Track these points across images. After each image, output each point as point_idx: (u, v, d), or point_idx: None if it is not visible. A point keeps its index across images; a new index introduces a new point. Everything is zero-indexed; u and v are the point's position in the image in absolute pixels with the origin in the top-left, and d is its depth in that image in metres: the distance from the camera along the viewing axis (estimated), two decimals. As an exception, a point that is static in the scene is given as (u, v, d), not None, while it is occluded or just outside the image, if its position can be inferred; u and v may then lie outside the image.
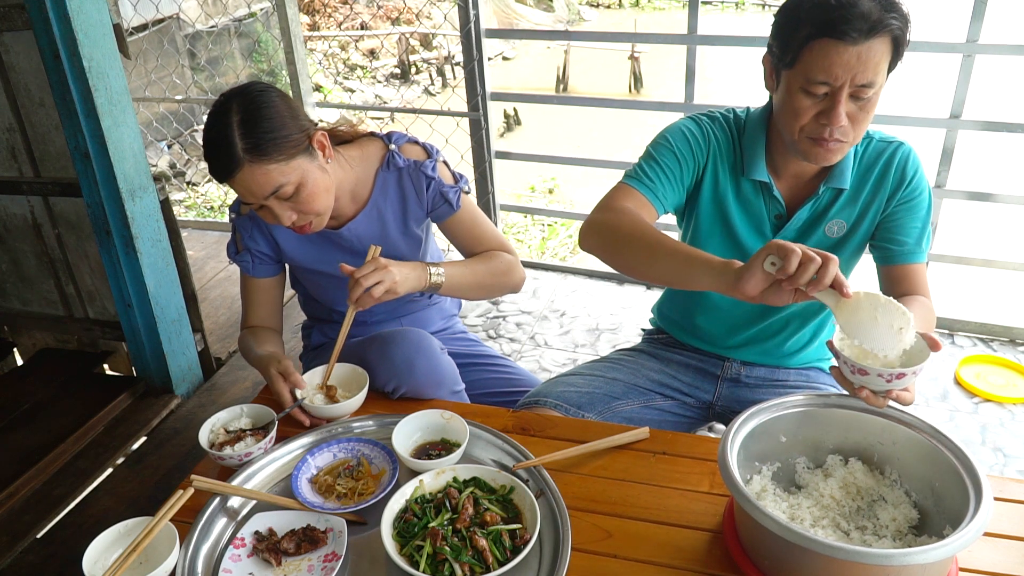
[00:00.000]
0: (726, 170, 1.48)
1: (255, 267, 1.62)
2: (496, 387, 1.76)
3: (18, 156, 2.36)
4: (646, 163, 1.46)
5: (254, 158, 1.37)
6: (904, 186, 1.42)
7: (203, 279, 3.32)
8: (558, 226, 7.25)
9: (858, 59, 1.21)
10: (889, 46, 1.24)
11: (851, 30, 1.19)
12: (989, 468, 2.24)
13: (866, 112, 1.29)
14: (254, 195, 1.41)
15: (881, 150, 1.43)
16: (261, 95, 1.41)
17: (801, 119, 1.30)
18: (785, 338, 1.59)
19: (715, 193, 1.49)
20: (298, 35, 3.40)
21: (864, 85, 1.24)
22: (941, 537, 1.00)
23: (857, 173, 1.44)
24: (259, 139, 1.37)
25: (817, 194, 1.43)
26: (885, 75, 1.27)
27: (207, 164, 1.40)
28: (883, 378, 1.07)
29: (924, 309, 1.35)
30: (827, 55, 1.22)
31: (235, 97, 1.40)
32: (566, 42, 14.68)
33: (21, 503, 2.05)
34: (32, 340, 2.79)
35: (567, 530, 1.13)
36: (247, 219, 1.60)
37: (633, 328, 2.96)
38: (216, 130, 1.37)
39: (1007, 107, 9.29)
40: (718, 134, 1.47)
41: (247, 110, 1.38)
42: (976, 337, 2.84)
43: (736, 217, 1.49)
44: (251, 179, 1.38)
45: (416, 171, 1.61)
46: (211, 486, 1.21)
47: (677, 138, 1.46)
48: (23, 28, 2.12)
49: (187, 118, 9.89)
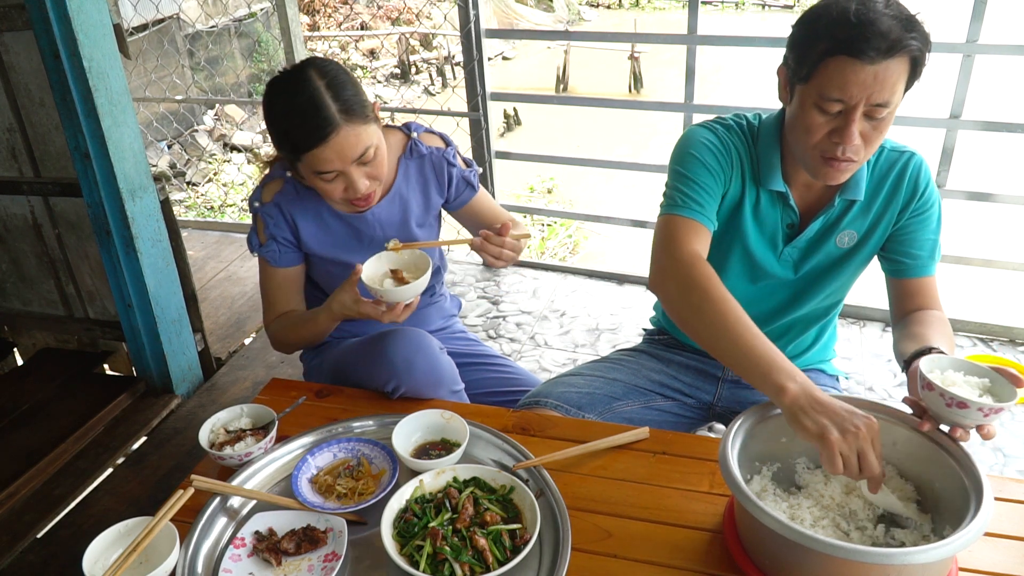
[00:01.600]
0: (746, 180, 1.43)
1: (281, 256, 1.60)
2: (496, 387, 1.76)
3: (18, 156, 2.36)
4: (686, 187, 1.38)
5: (348, 119, 1.40)
6: (917, 198, 1.40)
7: (203, 279, 3.32)
8: (557, 226, 7.24)
9: (875, 79, 1.18)
10: (907, 66, 1.20)
11: (869, 49, 1.15)
12: (989, 468, 2.24)
13: (879, 132, 1.26)
14: (343, 158, 1.42)
15: (894, 160, 1.41)
16: (332, 65, 1.46)
17: (813, 136, 1.27)
18: (787, 342, 1.58)
19: (732, 203, 1.45)
20: (298, 35, 3.40)
21: (879, 104, 1.21)
22: (941, 537, 1.00)
23: (871, 184, 1.41)
24: (349, 101, 1.41)
25: (832, 205, 1.41)
26: (902, 94, 1.23)
27: (290, 136, 1.40)
28: (982, 412, 1.04)
29: (943, 326, 1.33)
30: (843, 73, 1.19)
31: (307, 68, 1.43)
32: (566, 42, 14.69)
33: (21, 503, 2.05)
34: (32, 340, 2.79)
35: (567, 530, 1.13)
36: (273, 207, 1.58)
37: (633, 328, 2.96)
38: (305, 95, 1.39)
39: (1007, 107, 9.29)
40: (736, 144, 1.43)
41: (329, 75, 1.42)
42: (976, 337, 2.84)
43: (749, 226, 1.45)
44: (345, 141, 1.41)
45: (440, 158, 1.66)
46: (211, 486, 1.21)
47: (703, 152, 1.39)
48: (23, 28, 2.12)
49: (187, 118, 9.90)
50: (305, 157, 1.42)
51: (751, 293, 1.52)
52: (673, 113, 3.13)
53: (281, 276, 1.62)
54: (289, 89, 1.41)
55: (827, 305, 1.55)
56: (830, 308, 1.56)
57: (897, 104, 1.24)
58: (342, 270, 1.63)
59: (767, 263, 1.48)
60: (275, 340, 1.66)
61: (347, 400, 1.52)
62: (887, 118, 1.24)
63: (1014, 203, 2.83)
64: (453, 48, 14.38)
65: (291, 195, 1.58)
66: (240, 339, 2.87)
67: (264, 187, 1.60)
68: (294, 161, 1.46)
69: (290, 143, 1.42)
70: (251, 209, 1.62)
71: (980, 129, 2.73)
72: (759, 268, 1.49)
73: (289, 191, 1.58)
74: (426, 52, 15.00)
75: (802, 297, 1.51)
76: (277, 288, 1.63)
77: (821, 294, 1.51)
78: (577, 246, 7.03)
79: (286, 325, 1.61)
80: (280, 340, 1.65)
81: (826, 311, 1.57)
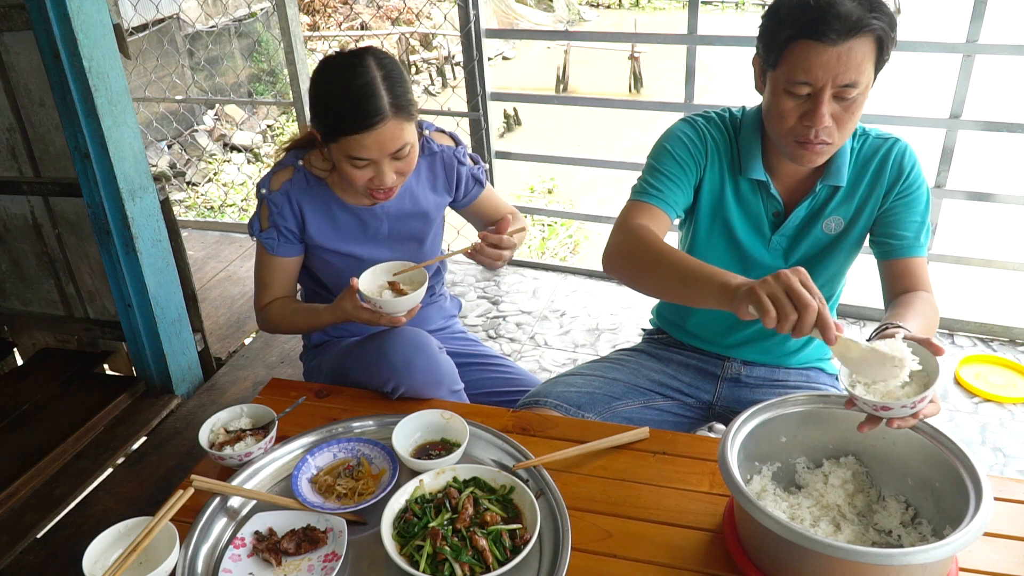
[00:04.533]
0: (724, 170, 1.48)
1: (279, 245, 1.61)
2: (496, 387, 1.76)
3: (18, 156, 2.36)
4: (651, 176, 1.46)
5: (397, 113, 1.43)
6: (902, 180, 1.42)
7: (203, 279, 3.32)
8: (558, 226, 7.24)
9: (838, 60, 1.21)
10: (872, 46, 1.23)
11: (830, 31, 1.19)
12: (989, 468, 2.24)
13: (851, 113, 1.28)
14: (383, 150, 1.44)
15: (878, 146, 1.44)
16: (391, 58, 1.48)
17: (786, 121, 1.30)
18: (785, 337, 1.58)
19: (714, 193, 1.50)
20: (298, 35, 3.39)
21: (847, 85, 1.24)
22: (941, 537, 1.00)
23: (854, 169, 1.44)
24: (401, 97, 1.43)
25: (814, 191, 1.44)
26: (871, 75, 1.26)
27: (338, 115, 1.41)
28: (907, 408, 1.03)
29: (926, 306, 1.34)
30: (807, 56, 1.23)
31: (368, 55, 1.45)
32: (566, 42, 14.69)
33: (21, 503, 2.05)
34: (32, 340, 2.79)
35: (567, 530, 1.13)
36: (280, 195, 1.58)
37: (633, 328, 2.96)
38: (362, 80, 1.40)
39: (1007, 107, 9.29)
40: (715, 134, 1.48)
41: (387, 68, 1.44)
42: (976, 337, 2.84)
43: (735, 216, 1.49)
44: (389, 133, 1.43)
45: (451, 157, 1.68)
46: (211, 486, 1.21)
47: (675, 144, 1.47)
48: (23, 28, 2.12)
49: (187, 118, 9.90)
50: (344, 140, 1.43)
51: None
52: (673, 113, 3.12)
53: (276, 263, 1.64)
54: (348, 70, 1.42)
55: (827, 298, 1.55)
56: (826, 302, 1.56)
57: (867, 85, 1.26)
58: (342, 260, 1.65)
59: (756, 251, 1.51)
60: (267, 323, 1.69)
61: (347, 400, 1.52)
62: (857, 99, 1.27)
63: (1014, 203, 2.83)
64: (453, 48, 14.38)
65: (301, 184, 1.59)
66: (240, 339, 2.87)
67: (274, 175, 1.61)
68: (328, 142, 1.47)
69: (334, 122, 1.43)
70: (258, 195, 1.62)
71: (980, 129, 2.73)
72: (749, 257, 1.51)
73: (299, 180, 1.59)
74: (426, 52, 14.99)
75: None
76: (271, 274, 1.65)
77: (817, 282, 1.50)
78: (578, 246, 7.04)
79: (284, 312, 1.63)
80: (273, 324, 1.67)
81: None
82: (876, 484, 1.18)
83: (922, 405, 1.04)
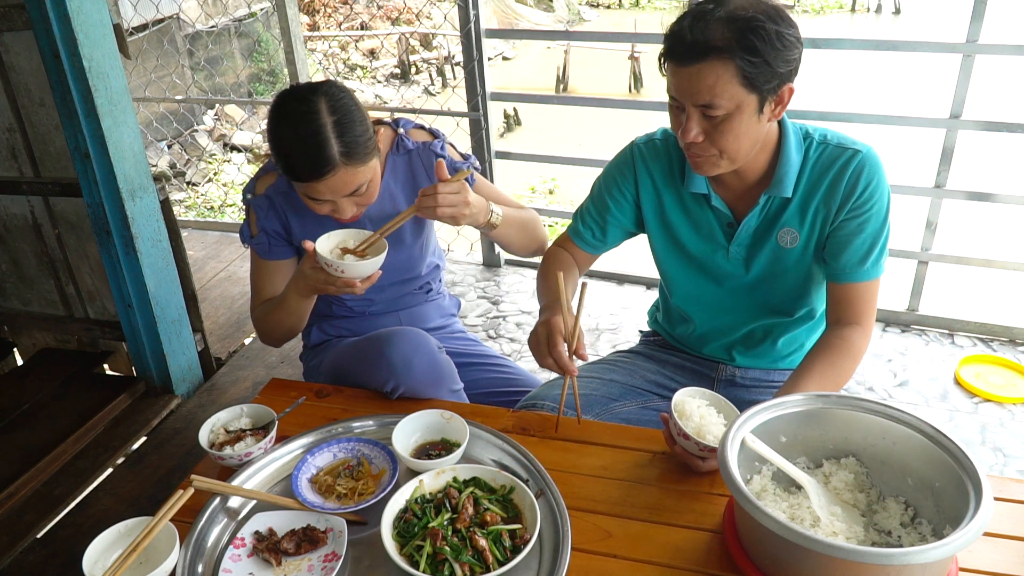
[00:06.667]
0: (665, 186, 1.51)
1: (270, 249, 1.62)
2: (495, 387, 1.76)
3: (18, 156, 2.36)
4: (584, 213, 1.61)
5: (348, 161, 1.40)
6: (855, 197, 1.36)
7: (203, 279, 3.32)
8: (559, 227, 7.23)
9: (690, 81, 1.25)
10: (731, 70, 1.22)
11: (678, 56, 1.25)
12: (989, 468, 2.24)
13: (722, 132, 1.28)
14: (336, 194, 1.43)
15: (835, 157, 1.38)
16: (346, 96, 1.43)
17: (678, 134, 1.34)
18: (772, 342, 1.58)
19: (655, 209, 1.53)
20: (298, 35, 3.40)
21: (704, 105, 1.26)
22: (941, 537, 1.00)
23: (808, 181, 1.40)
24: (354, 142, 1.40)
25: (760, 202, 1.42)
26: (741, 97, 1.24)
27: (288, 163, 1.40)
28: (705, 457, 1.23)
29: (831, 368, 1.35)
30: (670, 75, 1.30)
31: (318, 96, 1.40)
32: (566, 42, 14.69)
33: (21, 503, 2.05)
34: (32, 340, 2.79)
35: (567, 530, 1.13)
36: (264, 199, 1.60)
37: (633, 328, 2.95)
38: (309, 130, 1.37)
39: (1007, 107, 9.29)
40: (647, 155, 1.51)
41: (338, 111, 1.39)
42: (976, 337, 2.84)
43: (681, 228, 1.52)
44: (341, 180, 1.41)
45: (426, 151, 1.65)
46: (211, 486, 1.21)
47: (607, 178, 1.57)
48: (23, 28, 2.12)
49: (187, 118, 9.90)
50: (298, 183, 1.44)
51: (719, 295, 1.55)
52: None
53: (269, 267, 1.64)
54: (296, 118, 1.39)
55: (804, 313, 1.54)
56: (807, 317, 1.55)
57: (732, 107, 1.26)
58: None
59: (713, 262, 1.51)
60: (258, 329, 1.68)
61: (347, 400, 1.52)
62: (726, 120, 1.27)
63: (1014, 203, 2.83)
64: (453, 48, 14.38)
65: (283, 188, 1.60)
66: (240, 339, 2.87)
67: (258, 180, 1.62)
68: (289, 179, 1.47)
69: (285, 169, 1.43)
70: (244, 201, 1.64)
71: (980, 129, 2.73)
72: (705, 266, 1.52)
73: (282, 184, 1.60)
74: (426, 52, 14.99)
75: (767, 297, 1.52)
76: (265, 277, 1.65)
77: (785, 295, 1.51)
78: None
79: (266, 311, 1.63)
80: (262, 329, 1.67)
81: (806, 318, 1.55)
82: (876, 484, 1.18)
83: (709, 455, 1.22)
